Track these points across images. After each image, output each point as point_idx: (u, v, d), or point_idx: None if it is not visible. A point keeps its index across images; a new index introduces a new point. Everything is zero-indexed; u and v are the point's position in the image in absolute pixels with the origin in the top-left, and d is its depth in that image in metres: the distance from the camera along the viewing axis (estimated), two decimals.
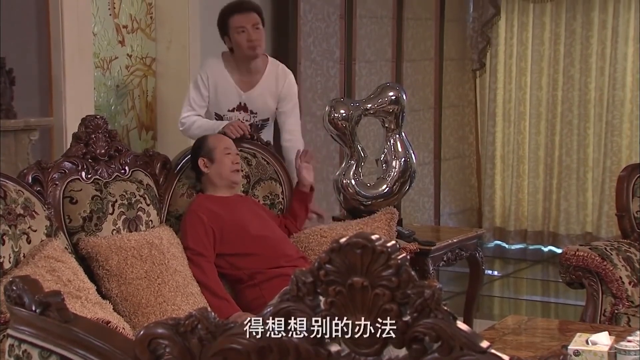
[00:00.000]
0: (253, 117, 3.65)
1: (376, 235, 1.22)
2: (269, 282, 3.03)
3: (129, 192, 2.97)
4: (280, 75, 3.69)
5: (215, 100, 3.62)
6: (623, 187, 3.52)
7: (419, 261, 3.49)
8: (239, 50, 3.56)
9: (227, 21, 3.57)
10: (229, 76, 3.62)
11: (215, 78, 3.61)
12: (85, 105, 3.65)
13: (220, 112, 3.64)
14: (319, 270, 1.25)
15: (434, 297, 1.18)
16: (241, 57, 3.58)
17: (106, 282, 2.77)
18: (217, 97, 3.62)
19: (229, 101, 3.63)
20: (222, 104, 3.62)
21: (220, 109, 3.63)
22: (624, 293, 3.13)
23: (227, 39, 3.59)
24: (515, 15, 6.28)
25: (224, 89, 3.61)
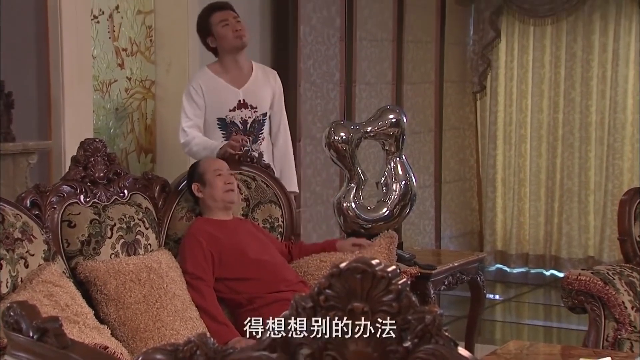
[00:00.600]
0: (254, 113, 3.71)
1: (376, 260, 1.22)
2: (268, 306, 3.02)
3: (127, 216, 2.98)
4: (269, 71, 3.82)
5: (213, 105, 3.66)
6: (625, 210, 3.52)
7: (419, 285, 3.49)
8: (226, 42, 3.62)
9: (208, 20, 3.64)
10: (219, 79, 3.68)
11: (207, 84, 3.66)
12: (84, 128, 3.66)
13: (221, 115, 3.68)
14: (318, 296, 1.25)
15: (434, 323, 1.18)
16: (228, 50, 3.64)
17: (104, 307, 2.76)
18: (214, 102, 3.66)
19: (228, 102, 3.67)
20: (222, 107, 3.66)
21: (220, 112, 3.67)
22: (626, 318, 3.12)
23: (212, 38, 3.65)
24: (516, 38, 6.31)
25: (218, 92, 3.66)
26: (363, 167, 3.76)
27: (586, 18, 6.04)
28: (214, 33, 3.65)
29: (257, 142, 3.74)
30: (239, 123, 3.69)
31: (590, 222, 6.13)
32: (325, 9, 4.94)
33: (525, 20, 6.23)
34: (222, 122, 3.68)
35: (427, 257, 3.89)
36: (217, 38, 3.65)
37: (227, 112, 3.68)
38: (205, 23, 3.67)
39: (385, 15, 5.53)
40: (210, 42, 3.67)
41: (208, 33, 3.67)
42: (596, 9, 6.01)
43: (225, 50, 3.66)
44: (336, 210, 3.68)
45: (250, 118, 3.70)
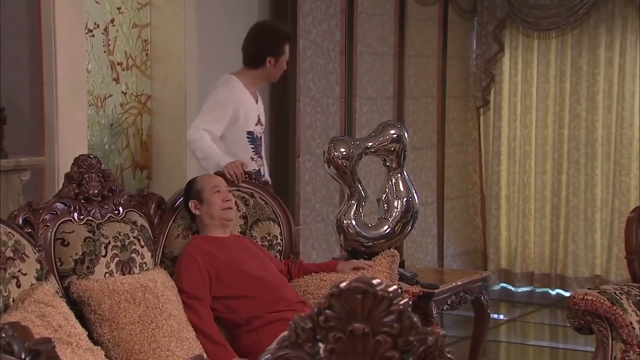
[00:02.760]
0: (262, 129, 3.89)
1: (377, 279, 1.22)
2: (267, 327, 3.01)
3: (122, 234, 2.98)
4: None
5: (245, 118, 3.77)
6: (632, 229, 3.51)
7: (422, 305, 3.48)
8: (277, 73, 3.85)
9: (284, 46, 3.82)
10: (248, 93, 3.81)
11: (242, 96, 3.78)
12: (78, 144, 3.66)
13: (249, 128, 3.80)
14: (318, 316, 1.25)
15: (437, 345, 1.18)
16: (270, 78, 3.89)
17: (98, 327, 2.76)
18: (245, 115, 3.78)
19: (253, 117, 3.81)
20: (250, 120, 3.79)
21: (248, 125, 3.79)
22: (634, 339, 3.11)
23: (272, 59, 3.79)
24: (520, 52, 6.34)
25: (248, 105, 3.80)
26: (364, 183, 3.77)
27: (591, 32, 6.07)
28: (278, 60, 3.81)
29: (262, 158, 3.90)
30: (258, 137, 3.86)
31: (597, 240, 6.13)
32: (325, 23, 4.97)
33: (529, 34, 6.25)
34: (251, 135, 3.81)
35: (429, 275, 3.89)
36: (278, 67, 3.82)
37: (254, 126, 3.82)
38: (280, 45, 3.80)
39: (386, 28, 5.55)
40: (269, 61, 3.80)
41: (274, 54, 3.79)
42: (602, 22, 6.03)
43: (269, 78, 3.88)
44: (336, 227, 3.68)
45: (261, 134, 3.88)
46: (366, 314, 1.22)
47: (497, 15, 6.28)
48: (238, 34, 4.57)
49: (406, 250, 5.51)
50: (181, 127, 4.25)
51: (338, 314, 1.24)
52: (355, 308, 1.23)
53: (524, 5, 6.20)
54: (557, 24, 6.10)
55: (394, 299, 1.21)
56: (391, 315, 1.21)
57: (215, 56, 4.43)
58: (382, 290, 1.21)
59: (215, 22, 4.43)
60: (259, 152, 3.85)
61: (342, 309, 1.24)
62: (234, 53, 4.57)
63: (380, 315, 1.22)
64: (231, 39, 4.54)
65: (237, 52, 4.59)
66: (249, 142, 3.80)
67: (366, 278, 1.24)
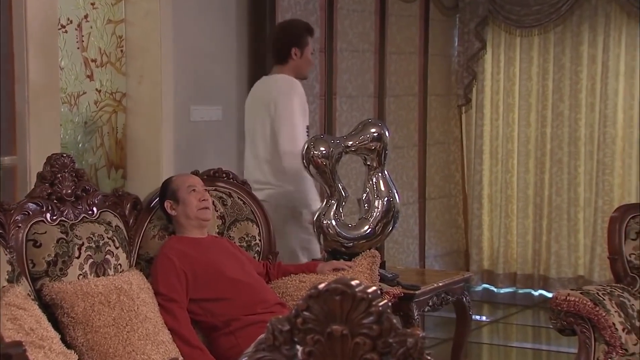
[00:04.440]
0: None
1: (356, 280, 1.22)
2: (244, 329, 3.01)
3: (96, 235, 2.96)
4: None
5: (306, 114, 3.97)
6: (615, 228, 3.54)
7: (403, 306, 3.49)
8: (305, 66, 4.02)
9: (306, 37, 4.01)
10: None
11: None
12: (51, 143, 3.64)
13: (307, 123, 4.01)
14: (296, 318, 1.25)
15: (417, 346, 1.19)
16: (299, 72, 4.01)
17: (71, 331, 2.74)
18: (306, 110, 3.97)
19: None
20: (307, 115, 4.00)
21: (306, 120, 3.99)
22: (617, 340, 3.13)
23: (297, 50, 3.97)
24: (502, 50, 6.37)
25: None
26: (344, 183, 3.77)
27: (574, 29, 6.11)
28: (303, 51, 3.98)
29: None
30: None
31: (580, 240, 6.17)
32: (304, 19, 4.96)
33: (512, 31, 6.28)
34: (308, 130, 4.00)
35: (410, 276, 3.90)
36: (304, 59, 4.00)
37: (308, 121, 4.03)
38: (303, 37, 4.00)
39: (367, 25, 5.56)
40: (294, 52, 3.97)
41: (299, 45, 3.97)
42: (585, 19, 6.07)
43: (299, 72, 4.00)
44: (316, 228, 3.68)
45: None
46: (345, 315, 1.23)
47: (479, 12, 6.30)
48: (215, 30, 4.57)
49: (387, 251, 5.52)
50: (157, 126, 4.23)
51: (316, 315, 1.24)
52: (334, 310, 1.23)
53: (506, 2, 6.23)
54: (540, 21, 6.13)
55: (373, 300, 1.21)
56: (370, 316, 1.22)
57: (192, 53, 4.42)
58: (361, 291, 1.22)
59: (192, 17, 4.41)
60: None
61: (321, 310, 1.24)
62: (211, 49, 4.57)
63: (359, 316, 1.22)
64: (208, 35, 4.53)
65: (214, 48, 4.60)
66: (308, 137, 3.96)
67: (345, 279, 1.24)
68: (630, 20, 5.92)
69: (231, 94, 4.68)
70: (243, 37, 4.73)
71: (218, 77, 4.60)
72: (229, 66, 4.67)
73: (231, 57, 4.67)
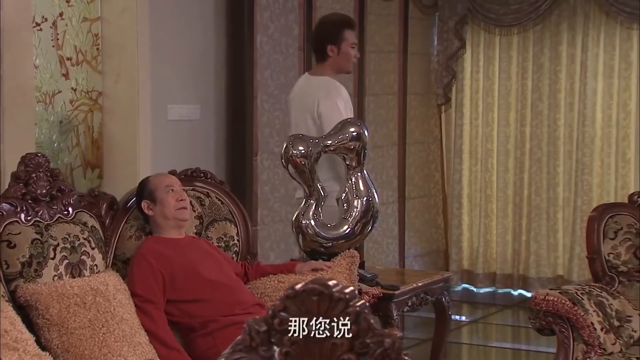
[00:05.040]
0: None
1: (334, 281, 1.22)
2: (222, 330, 3.01)
3: (72, 235, 2.95)
4: None
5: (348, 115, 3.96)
6: (594, 228, 3.57)
7: (382, 306, 3.50)
8: (345, 62, 3.98)
9: (342, 32, 3.95)
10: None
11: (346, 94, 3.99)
12: (25, 142, 3.61)
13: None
14: (273, 319, 1.25)
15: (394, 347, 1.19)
16: (340, 68, 4.00)
17: (46, 332, 2.73)
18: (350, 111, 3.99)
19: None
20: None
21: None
22: (595, 340, 3.16)
23: (333, 47, 3.93)
24: (481, 49, 6.40)
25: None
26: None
27: (553, 28, 6.15)
28: (340, 47, 3.94)
29: None
30: None
31: (559, 239, 6.21)
32: (282, 18, 4.96)
33: (491, 30, 6.32)
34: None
35: (390, 276, 3.91)
36: (342, 55, 3.96)
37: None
38: (337, 32, 3.95)
39: None
40: (330, 50, 3.94)
41: (333, 42, 3.93)
42: (564, 18, 6.12)
43: (339, 68, 3.99)
44: (294, 228, 3.68)
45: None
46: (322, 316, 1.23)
47: (458, 10, 6.33)
48: (192, 27, 4.56)
49: (367, 251, 5.53)
50: (134, 125, 4.22)
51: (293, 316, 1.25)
52: (311, 310, 1.23)
53: (485, 1, 6.26)
54: (519, 20, 6.17)
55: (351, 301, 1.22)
56: (347, 317, 1.22)
57: (169, 50, 4.41)
58: (338, 291, 1.22)
59: (169, 14, 4.40)
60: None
61: (298, 311, 1.24)
62: (189, 47, 4.56)
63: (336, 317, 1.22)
64: (186, 32, 4.52)
65: (191, 46, 4.58)
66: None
67: (322, 279, 1.24)
68: (609, 19, 5.97)
69: (209, 92, 4.67)
70: (221, 34, 4.72)
71: (196, 76, 4.59)
72: (207, 64, 4.66)
73: (209, 54, 4.66)
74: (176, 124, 4.46)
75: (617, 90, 6.00)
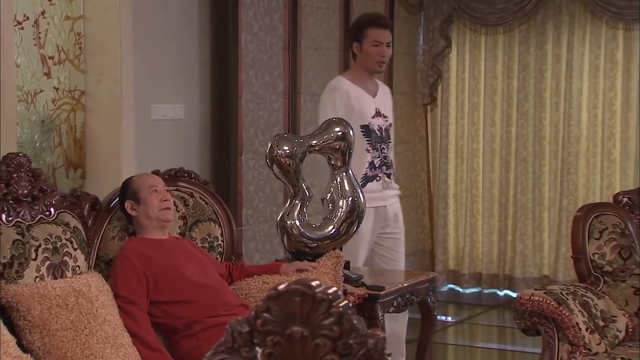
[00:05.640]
0: (385, 121, 4.19)
1: (317, 281, 1.23)
2: (206, 332, 3.01)
3: (54, 236, 2.94)
4: (384, 85, 4.37)
5: (357, 112, 4.06)
6: (579, 228, 3.59)
7: (367, 307, 3.50)
8: (367, 60, 4.09)
9: (365, 30, 4.07)
10: (359, 88, 4.12)
11: (350, 94, 4.09)
12: (7, 142, 3.60)
13: (364, 121, 4.11)
14: (255, 320, 1.25)
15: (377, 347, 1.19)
16: (367, 66, 4.11)
17: (28, 334, 2.72)
18: (358, 109, 4.08)
19: (369, 109, 4.12)
20: (364, 114, 4.09)
21: (363, 119, 4.10)
22: (581, 340, 3.17)
23: (358, 45, 4.10)
24: (467, 48, 6.42)
25: (361, 100, 4.11)
26: (309, 182, 3.77)
27: (539, 27, 6.17)
28: (363, 45, 4.09)
29: (389, 149, 4.21)
30: (376, 130, 4.14)
31: (545, 240, 6.24)
32: (267, 16, 4.96)
33: (477, 29, 6.34)
34: (366, 128, 4.12)
35: (375, 277, 3.91)
36: (364, 53, 4.09)
37: (370, 119, 4.12)
38: (360, 30, 4.10)
39: (332, 23, 5.57)
40: (354, 47, 4.12)
41: (357, 39, 4.10)
42: (549, 18, 6.14)
43: (365, 66, 4.12)
44: (279, 228, 3.68)
45: (383, 126, 4.18)
46: (305, 316, 1.23)
47: (443, 10, 6.34)
48: (177, 26, 4.55)
49: None
50: (117, 124, 4.20)
51: (276, 317, 1.25)
52: (294, 311, 1.23)
53: (471, 0, 6.28)
54: (505, 19, 6.19)
55: (334, 301, 1.22)
56: (330, 317, 1.22)
57: (153, 49, 4.39)
58: (321, 292, 1.22)
59: (153, 13, 4.39)
60: (375, 145, 4.12)
61: (280, 312, 1.24)
62: (173, 46, 4.55)
63: (319, 318, 1.23)
64: (170, 31, 4.51)
65: (175, 45, 4.57)
66: (363, 135, 4.08)
67: (305, 280, 1.24)
68: (594, 19, 6.00)
69: (194, 91, 4.67)
70: (205, 33, 4.72)
71: (180, 75, 4.58)
72: (192, 63, 4.65)
73: (194, 53, 4.65)
74: (160, 124, 4.45)
75: (603, 90, 6.03)
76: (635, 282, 3.48)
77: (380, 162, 4.19)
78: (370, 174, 4.19)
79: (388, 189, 4.26)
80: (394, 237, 4.38)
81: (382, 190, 4.22)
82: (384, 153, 4.18)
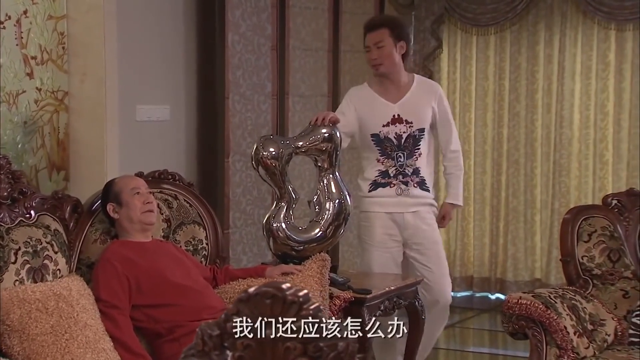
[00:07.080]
0: (409, 128, 4.12)
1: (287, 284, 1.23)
2: (189, 336, 3.00)
3: (34, 239, 2.93)
4: (429, 85, 4.29)
5: (367, 120, 4.10)
6: (568, 230, 3.60)
7: (354, 310, 3.50)
8: (371, 63, 4.15)
9: (364, 35, 4.17)
10: (375, 95, 4.15)
11: (361, 101, 4.14)
12: None
13: (375, 130, 4.11)
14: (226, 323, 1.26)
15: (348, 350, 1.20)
16: (373, 70, 4.16)
17: (7, 339, 2.71)
18: (367, 117, 4.11)
19: (382, 117, 4.10)
20: (376, 122, 4.10)
21: (374, 128, 4.10)
22: (569, 344, 3.18)
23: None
24: (458, 49, 6.43)
25: (373, 107, 4.12)
26: (297, 184, 3.77)
27: (530, 28, 6.19)
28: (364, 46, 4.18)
29: (412, 157, 4.13)
30: (393, 138, 4.10)
31: (537, 242, 6.26)
32: (255, 16, 4.96)
33: (468, 30, 6.35)
34: (376, 137, 4.11)
35: (362, 280, 3.91)
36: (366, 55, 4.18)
37: (381, 128, 4.08)
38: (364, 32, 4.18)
39: (320, 23, 5.57)
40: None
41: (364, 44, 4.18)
42: (541, 18, 6.16)
43: (373, 70, 4.17)
44: (265, 231, 3.69)
45: (405, 133, 4.10)
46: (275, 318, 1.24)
47: (434, 9, 6.35)
48: (162, 25, 4.55)
49: (342, 254, 5.54)
50: (101, 126, 4.20)
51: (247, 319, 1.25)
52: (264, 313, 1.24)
53: (462, 0, 6.29)
54: (496, 19, 6.21)
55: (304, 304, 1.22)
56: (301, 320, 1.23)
57: (138, 49, 4.39)
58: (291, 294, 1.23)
59: (138, 12, 4.39)
60: (391, 154, 4.10)
61: (251, 314, 1.25)
62: (158, 45, 4.55)
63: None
64: (155, 31, 4.51)
65: (161, 45, 4.57)
66: (374, 144, 4.10)
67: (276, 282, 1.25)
68: (586, 19, 6.02)
69: (179, 92, 4.67)
70: (191, 33, 4.72)
71: (166, 75, 4.58)
72: (177, 63, 4.65)
73: (179, 53, 4.65)
74: (145, 125, 4.45)
75: (595, 91, 6.05)
76: (624, 285, 3.50)
77: (396, 171, 4.11)
78: (381, 182, 4.15)
79: (406, 196, 4.13)
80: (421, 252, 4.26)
81: (396, 197, 4.12)
82: (400, 161, 4.10)
